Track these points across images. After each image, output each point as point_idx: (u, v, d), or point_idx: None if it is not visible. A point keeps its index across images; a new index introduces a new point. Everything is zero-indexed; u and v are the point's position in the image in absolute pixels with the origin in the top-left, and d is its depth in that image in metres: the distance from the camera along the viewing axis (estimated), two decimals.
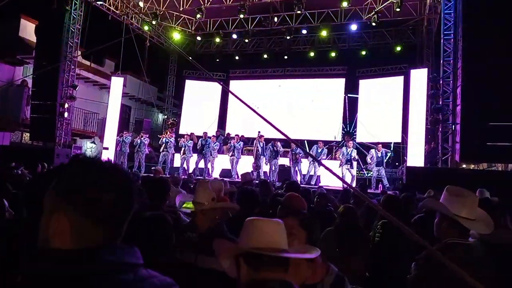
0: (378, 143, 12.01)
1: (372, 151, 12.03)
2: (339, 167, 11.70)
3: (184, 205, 3.56)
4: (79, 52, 14.23)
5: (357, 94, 16.97)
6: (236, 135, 13.94)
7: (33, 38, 14.37)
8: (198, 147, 13.33)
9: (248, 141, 16.33)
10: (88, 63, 17.32)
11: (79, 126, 16.78)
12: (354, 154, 11.86)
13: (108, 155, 13.89)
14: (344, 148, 12.23)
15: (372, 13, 13.26)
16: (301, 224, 1.69)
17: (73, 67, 13.85)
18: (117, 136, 13.72)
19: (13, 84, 15.16)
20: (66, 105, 13.35)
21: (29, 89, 14.47)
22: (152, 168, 11.56)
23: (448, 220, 1.96)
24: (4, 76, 15.09)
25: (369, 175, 14.41)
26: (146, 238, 1.87)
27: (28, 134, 14.46)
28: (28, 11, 15.47)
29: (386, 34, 16.05)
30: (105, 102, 15.64)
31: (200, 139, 13.51)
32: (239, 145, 13.21)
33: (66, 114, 13.34)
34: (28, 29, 15.59)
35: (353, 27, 14.75)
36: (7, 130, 15.10)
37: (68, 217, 0.87)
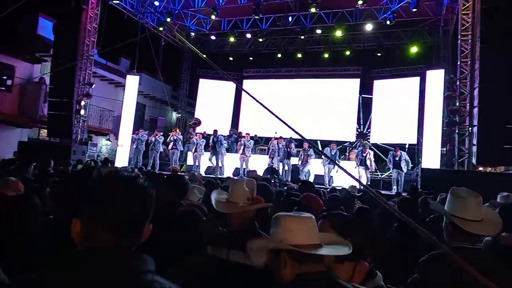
0: (393, 145, 11.87)
1: (391, 153, 11.94)
2: (355, 167, 11.62)
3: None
4: (96, 51, 14.43)
5: (372, 95, 16.85)
6: (246, 133, 13.97)
7: (51, 36, 14.61)
8: (210, 144, 13.42)
9: (260, 140, 16.37)
10: (104, 61, 17.56)
11: (95, 123, 17.01)
12: (370, 155, 11.74)
13: (123, 152, 14.07)
14: (359, 149, 12.15)
15: (388, 13, 13.16)
16: (332, 225, 1.68)
17: (89, 65, 14.05)
18: (133, 134, 13.88)
19: (31, 82, 15.46)
20: (83, 103, 13.55)
21: (46, 87, 14.73)
22: (169, 167, 11.74)
23: (452, 223, 1.95)
24: (23, 73, 15.39)
25: (383, 176, 14.31)
26: (179, 234, 1.92)
27: (45, 131, 14.70)
28: (46, 9, 15.76)
29: (401, 34, 15.88)
30: (120, 100, 15.82)
31: (212, 136, 13.59)
32: (250, 143, 13.23)
33: (82, 112, 13.54)
34: (46, 27, 15.88)
35: (368, 27, 14.63)
36: (25, 127, 15.41)
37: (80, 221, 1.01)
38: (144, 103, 20.52)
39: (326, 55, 17.09)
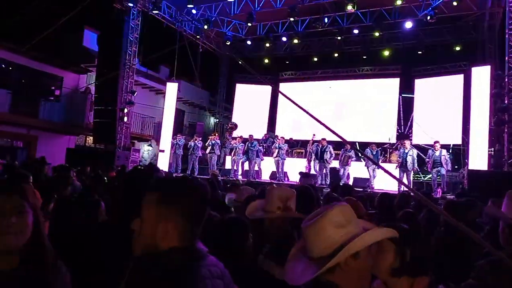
0: (436, 142, 11.24)
1: (430, 151, 11.40)
2: (396, 168, 11.22)
3: None
4: (137, 60, 14.97)
5: (413, 94, 16.32)
6: (281, 137, 13.96)
7: (95, 47, 15.33)
8: (244, 149, 13.55)
9: (297, 143, 16.30)
10: (144, 69, 18.18)
11: (137, 129, 17.61)
12: (414, 154, 11.20)
13: (164, 157, 14.48)
14: (401, 149, 11.74)
15: (429, 10, 12.71)
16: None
17: (131, 74, 14.59)
18: (172, 139, 14.28)
19: (78, 91, 16.28)
20: (126, 110, 14.08)
21: (92, 96, 15.45)
22: (209, 171, 11.97)
23: (510, 227, 1.85)
24: (70, 84, 16.26)
25: (425, 178, 13.79)
26: (224, 240, 1.95)
27: (91, 138, 15.39)
28: (90, 22, 16.57)
29: (443, 30, 15.28)
30: (161, 107, 16.29)
31: (246, 141, 13.70)
32: (284, 146, 13.20)
33: (125, 119, 14.07)
34: (91, 39, 16.70)
35: (408, 24, 14.20)
36: (73, 134, 16.23)
37: (176, 223, 1.14)
38: (183, 109, 21.03)
39: (364, 55, 16.76)
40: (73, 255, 1.84)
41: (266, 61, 18.64)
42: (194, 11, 15.15)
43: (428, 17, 12.74)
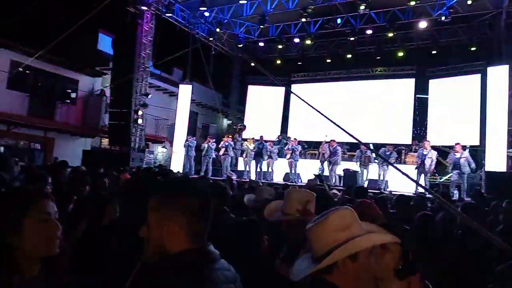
0: (456, 144, 11.00)
1: (451, 154, 11.18)
2: (415, 169, 11.05)
3: None
4: (151, 62, 15.12)
5: (428, 95, 16.10)
6: (294, 138, 13.93)
7: (110, 50, 15.56)
8: (254, 150, 13.56)
9: (307, 145, 16.24)
10: (158, 72, 18.36)
11: (151, 131, 17.78)
12: (433, 156, 11.02)
13: (178, 158, 14.58)
14: (420, 150, 11.56)
15: (443, 9, 12.56)
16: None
17: (145, 76, 14.73)
18: (184, 141, 14.37)
19: (93, 94, 16.54)
20: (140, 112, 14.22)
21: (107, 98, 15.67)
22: (224, 173, 12.02)
23: None
24: (85, 86, 16.53)
25: (442, 180, 13.59)
26: (238, 242, 1.95)
27: (106, 140, 15.60)
28: (105, 26, 16.80)
29: (458, 30, 15.07)
30: (174, 109, 16.42)
31: (257, 142, 13.71)
32: (297, 148, 13.17)
33: (140, 121, 14.22)
34: (105, 43, 16.95)
35: (422, 24, 14.03)
36: (88, 136, 16.48)
37: (180, 224, 1.14)
38: (196, 111, 21.16)
39: (378, 56, 16.62)
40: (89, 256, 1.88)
41: (279, 62, 18.63)
42: (206, 14, 15.25)
43: (443, 17, 12.58)
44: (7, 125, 13.72)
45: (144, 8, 14.11)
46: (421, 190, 8.93)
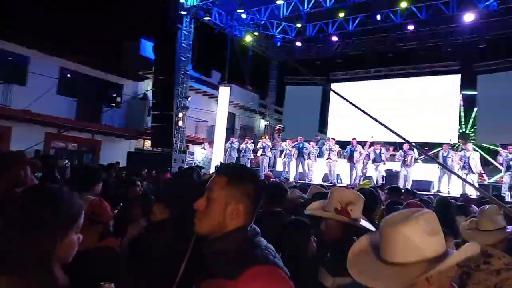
0: (503, 145, 10.48)
1: (502, 153, 10.59)
2: (458, 170, 10.59)
3: None
4: (190, 66, 15.44)
5: (475, 91, 15.35)
6: (332, 138, 13.72)
7: (151, 55, 16.03)
8: (293, 151, 13.48)
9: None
10: (197, 75, 18.71)
11: (191, 133, 18.15)
12: (476, 158, 10.59)
13: (217, 159, 14.80)
14: (462, 152, 11.09)
15: (491, 0, 11.94)
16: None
17: (185, 79, 15.06)
18: (226, 143, 14.54)
19: (136, 98, 17.13)
20: (181, 115, 14.55)
21: (149, 102, 16.16)
22: (262, 173, 12.05)
23: None
24: (129, 91, 17.17)
25: (490, 181, 12.92)
26: (289, 240, 1.97)
27: (149, 142, 16.10)
28: (147, 32, 17.37)
29: (509, 22, 14.22)
30: (213, 111, 16.67)
31: (296, 143, 13.63)
32: (335, 148, 12.96)
33: (180, 123, 14.54)
34: (147, 48, 17.50)
35: (468, 17, 13.40)
36: (132, 138, 17.08)
37: (244, 204, 1.25)
38: (234, 112, 21.37)
39: (420, 52, 16.04)
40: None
41: (317, 61, 18.45)
42: (244, 16, 15.38)
43: (492, 9, 11.96)
44: (58, 129, 14.49)
45: (184, 13, 14.43)
46: (471, 191, 8.52)
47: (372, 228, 1.97)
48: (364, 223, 2.04)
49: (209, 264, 1.24)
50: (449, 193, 10.08)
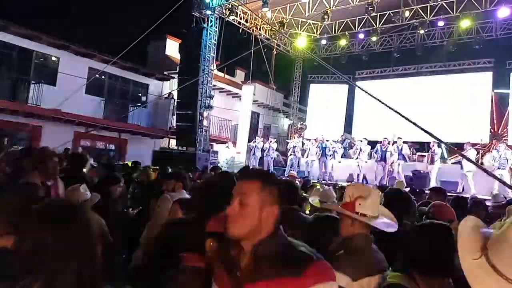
0: None
1: None
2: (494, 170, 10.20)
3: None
4: (215, 65, 15.51)
5: (508, 89, 14.73)
6: (364, 138, 13.47)
7: (177, 55, 16.22)
8: (316, 151, 13.33)
9: (374, 145, 15.63)
10: (222, 74, 18.79)
11: (215, 132, 18.24)
12: (509, 156, 10.16)
13: (240, 158, 14.81)
14: (494, 152, 10.67)
15: None
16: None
17: (210, 79, 15.13)
18: (250, 142, 14.53)
19: (161, 97, 17.37)
20: (205, 114, 14.63)
21: (174, 101, 16.34)
22: (286, 174, 12.00)
23: None
24: (154, 90, 17.42)
25: None
26: (314, 237, 1.92)
27: (174, 141, 16.29)
28: (172, 32, 17.59)
29: None
30: (237, 110, 16.69)
31: (320, 142, 13.46)
32: (366, 148, 12.72)
33: (205, 122, 14.63)
34: (172, 48, 17.72)
35: (503, 12, 12.84)
36: (157, 137, 17.34)
37: (276, 206, 1.30)
38: (258, 111, 21.35)
39: (451, 48, 15.52)
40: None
41: (342, 59, 18.17)
42: (269, 14, 15.31)
43: None
44: (86, 128, 14.87)
45: (209, 12, 14.49)
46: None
47: (386, 229, 1.87)
48: (379, 221, 1.89)
49: (256, 266, 1.27)
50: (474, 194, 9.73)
